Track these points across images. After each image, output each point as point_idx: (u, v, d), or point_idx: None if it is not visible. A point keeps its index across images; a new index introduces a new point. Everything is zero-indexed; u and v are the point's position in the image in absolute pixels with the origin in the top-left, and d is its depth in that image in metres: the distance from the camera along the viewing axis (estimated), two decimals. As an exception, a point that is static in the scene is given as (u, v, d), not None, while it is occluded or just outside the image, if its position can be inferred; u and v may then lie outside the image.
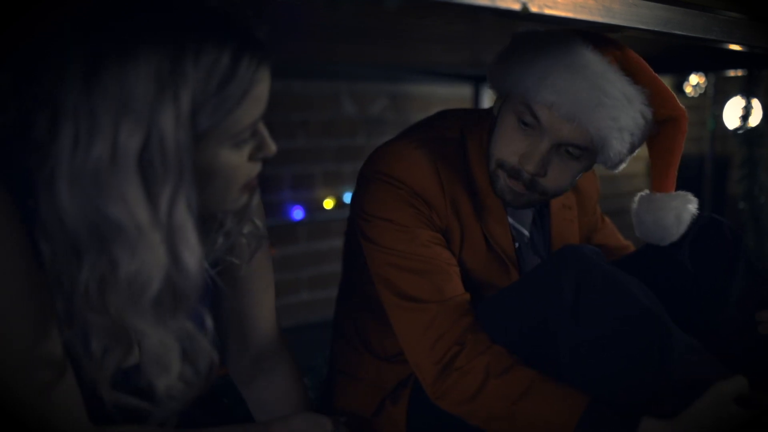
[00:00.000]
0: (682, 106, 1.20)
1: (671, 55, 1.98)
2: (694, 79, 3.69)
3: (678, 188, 1.27)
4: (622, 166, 1.24)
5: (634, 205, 1.28)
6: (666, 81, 4.08)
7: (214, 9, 0.80)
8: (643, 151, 1.27)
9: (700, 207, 1.29)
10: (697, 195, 1.28)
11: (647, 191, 1.28)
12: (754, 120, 2.33)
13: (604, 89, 1.11)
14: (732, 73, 2.64)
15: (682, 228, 1.25)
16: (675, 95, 1.20)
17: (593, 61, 1.13)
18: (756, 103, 2.32)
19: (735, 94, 2.50)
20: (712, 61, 2.17)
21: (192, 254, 0.79)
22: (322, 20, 1.14)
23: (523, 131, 1.17)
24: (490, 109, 1.30)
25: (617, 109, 1.12)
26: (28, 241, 0.80)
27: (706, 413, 0.98)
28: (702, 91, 3.77)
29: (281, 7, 0.97)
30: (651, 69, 1.18)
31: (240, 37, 0.80)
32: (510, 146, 1.19)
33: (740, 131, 2.35)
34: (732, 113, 2.62)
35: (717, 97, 3.53)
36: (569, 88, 1.11)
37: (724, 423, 0.98)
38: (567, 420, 1.03)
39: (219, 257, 1.02)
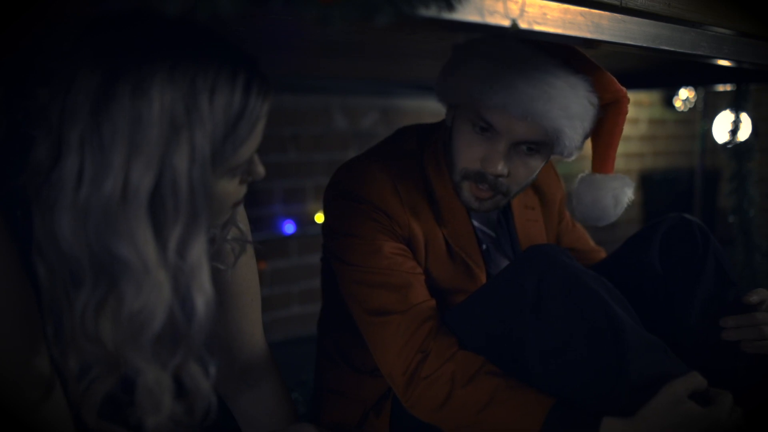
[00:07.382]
0: (623, 88, 1.22)
1: (661, 70, 1.99)
2: (684, 93, 3.72)
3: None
4: (576, 154, 1.26)
5: (575, 186, 1.30)
6: (656, 95, 4.10)
7: (223, 41, 0.79)
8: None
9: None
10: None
11: (587, 172, 1.29)
12: (743, 134, 2.34)
13: (548, 82, 1.14)
14: (721, 87, 2.66)
15: (619, 209, 1.27)
16: (615, 78, 1.22)
17: (535, 58, 1.16)
18: (745, 118, 2.33)
19: (724, 108, 2.51)
20: (701, 75, 2.18)
21: (203, 295, 0.79)
22: (312, 36, 1.14)
23: (479, 137, 1.20)
24: (443, 121, 1.33)
25: (565, 98, 1.15)
26: (19, 257, 0.79)
27: (661, 411, 0.99)
28: (692, 105, 3.80)
29: (272, 22, 0.97)
30: (591, 58, 1.21)
31: (248, 73, 0.79)
32: (470, 153, 1.22)
33: (729, 145, 2.35)
34: (721, 127, 2.64)
35: (707, 111, 3.54)
36: (517, 87, 1.13)
37: (681, 420, 0.99)
38: (530, 425, 1.05)
39: None
